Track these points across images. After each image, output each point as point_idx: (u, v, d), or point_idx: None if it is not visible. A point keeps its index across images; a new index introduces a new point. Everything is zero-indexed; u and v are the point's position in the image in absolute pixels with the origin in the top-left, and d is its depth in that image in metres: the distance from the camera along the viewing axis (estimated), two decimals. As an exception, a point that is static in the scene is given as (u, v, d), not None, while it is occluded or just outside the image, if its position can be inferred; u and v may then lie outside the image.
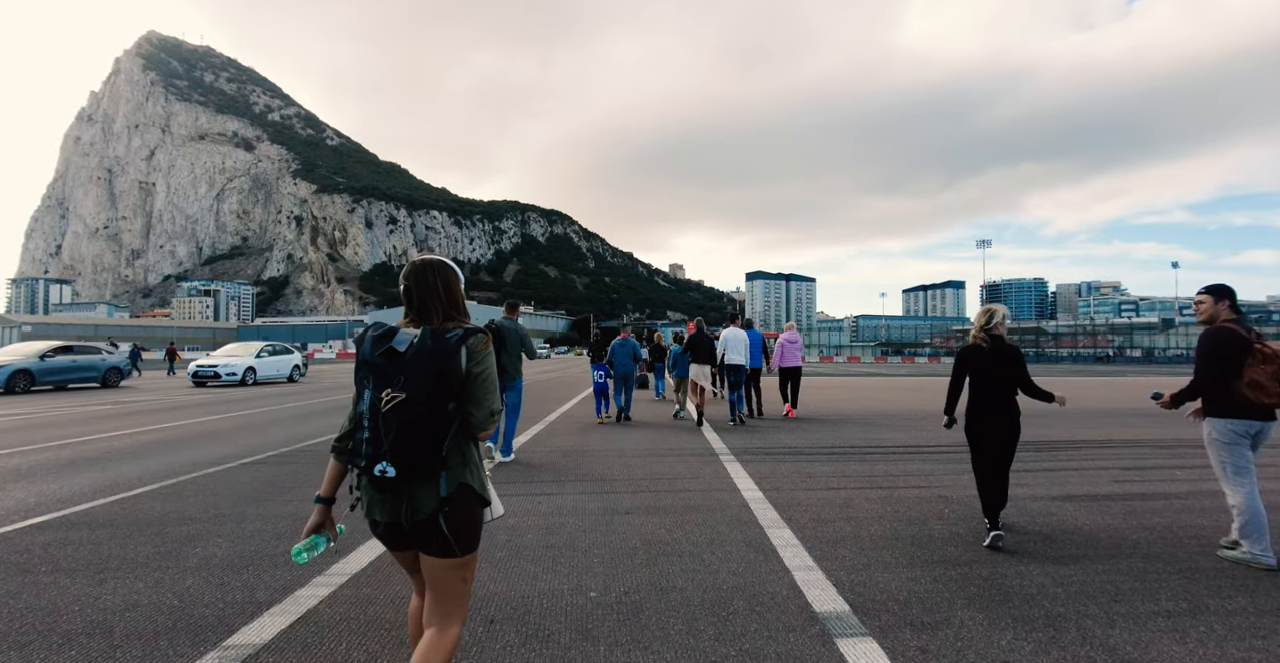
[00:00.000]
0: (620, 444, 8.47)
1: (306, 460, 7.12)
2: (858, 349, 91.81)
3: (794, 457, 7.48)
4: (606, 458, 7.42)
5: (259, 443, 8.35)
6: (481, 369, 1.94)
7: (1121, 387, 23.13)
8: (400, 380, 1.84)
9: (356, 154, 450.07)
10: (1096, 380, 28.25)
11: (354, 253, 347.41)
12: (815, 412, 12.76)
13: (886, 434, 9.42)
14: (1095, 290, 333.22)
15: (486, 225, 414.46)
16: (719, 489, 5.80)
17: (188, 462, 7.01)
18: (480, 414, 1.94)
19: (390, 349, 1.88)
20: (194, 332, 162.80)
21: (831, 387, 21.95)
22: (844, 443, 8.61)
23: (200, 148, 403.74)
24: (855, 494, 5.59)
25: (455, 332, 1.94)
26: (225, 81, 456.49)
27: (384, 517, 1.88)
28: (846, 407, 14.24)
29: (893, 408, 13.78)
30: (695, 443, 8.57)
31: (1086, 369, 46.99)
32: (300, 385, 20.83)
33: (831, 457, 7.46)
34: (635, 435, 9.30)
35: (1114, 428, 10.43)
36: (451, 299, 2.04)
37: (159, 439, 8.72)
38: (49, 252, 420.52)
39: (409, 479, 1.83)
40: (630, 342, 11.50)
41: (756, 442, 8.70)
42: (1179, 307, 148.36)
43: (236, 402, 14.74)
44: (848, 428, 10.20)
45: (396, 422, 1.81)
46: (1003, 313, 4.37)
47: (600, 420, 10.81)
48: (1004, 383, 4.28)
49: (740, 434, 9.41)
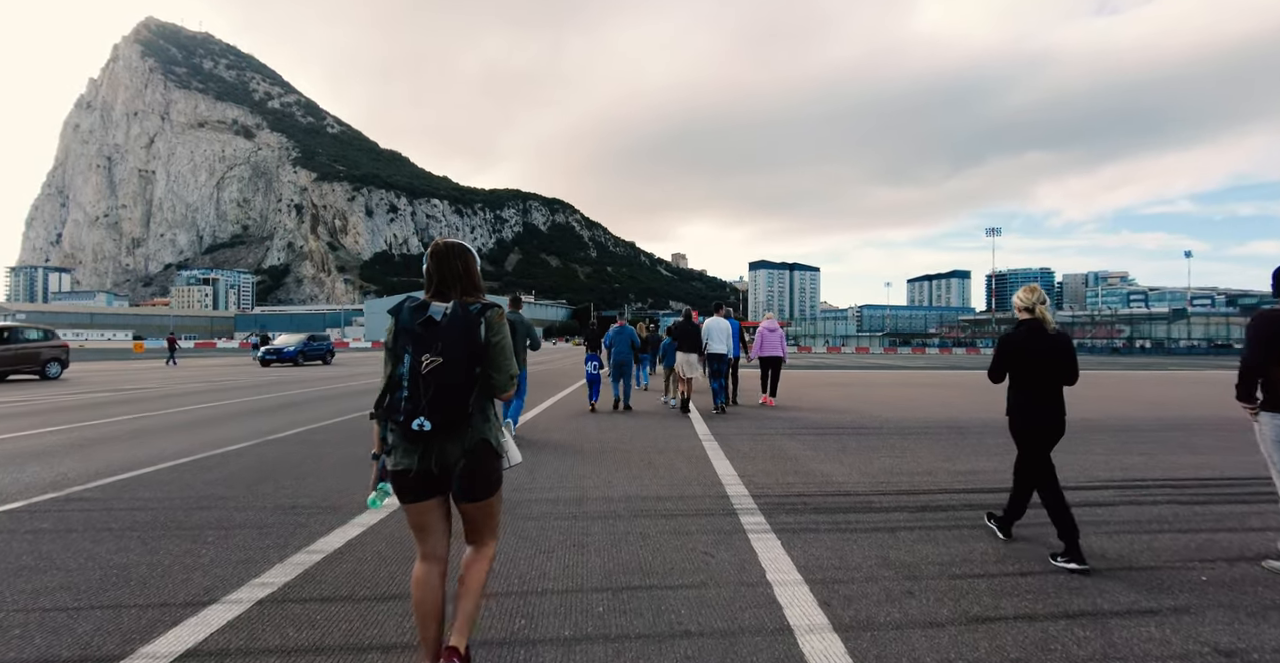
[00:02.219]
0: (607, 428, 8.72)
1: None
2: (865, 340, 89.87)
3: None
4: (589, 436, 6.74)
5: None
6: (499, 338, 2.24)
7: (1190, 385, 21.07)
8: (438, 346, 2.12)
9: (357, 142, 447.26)
10: (1142, 376, 26.34)
11: (354, 241, 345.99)
12: (827, 419, 11.04)
13: (947, 463, 7.71)
14: (1102, 280, 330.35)
15: (488, 214, 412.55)
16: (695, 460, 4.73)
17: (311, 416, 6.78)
18: (501, 378, 2.25)
19: (428, 319, 2.16)
20: (191, 320, 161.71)
21: (843, 382, 20.14)
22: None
23: (200, 135, 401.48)
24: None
25: (476, 305, 2.25)
26: (224, 68, 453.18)
27: (416, 465, 2.15)
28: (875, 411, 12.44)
29: (950, 413, 12.03)
30: (681, 427, 8.58)
31: (1111, 362, 45.09)
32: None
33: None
34: (623, 420, 9.60)
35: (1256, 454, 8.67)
36: (470, 278, 2.32)
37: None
38: (50, 240, 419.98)
39: (441, 433, 2.12)
40: (627, 330, 11.45)
41: (734, 427, 8.08)
42: (1191, 297, 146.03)
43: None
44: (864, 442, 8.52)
45: (434, 382, 2.09)
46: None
47: (592, 407, 10.74)
48: (1054, 375, 3.70)
49: (721, 420, 9.60)
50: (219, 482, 5.27)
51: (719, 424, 9.07)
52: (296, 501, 4.68)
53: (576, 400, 12.31)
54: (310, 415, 9.76)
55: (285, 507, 4.51)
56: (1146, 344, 78.06)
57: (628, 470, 5.78)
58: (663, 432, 8.30)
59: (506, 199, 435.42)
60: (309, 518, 4.23)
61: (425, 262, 2.33)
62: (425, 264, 2.32)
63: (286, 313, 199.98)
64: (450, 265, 2.29)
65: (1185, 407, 12.18)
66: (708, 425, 8.87)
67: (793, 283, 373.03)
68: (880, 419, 9.76)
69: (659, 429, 8.55)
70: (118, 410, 10.27)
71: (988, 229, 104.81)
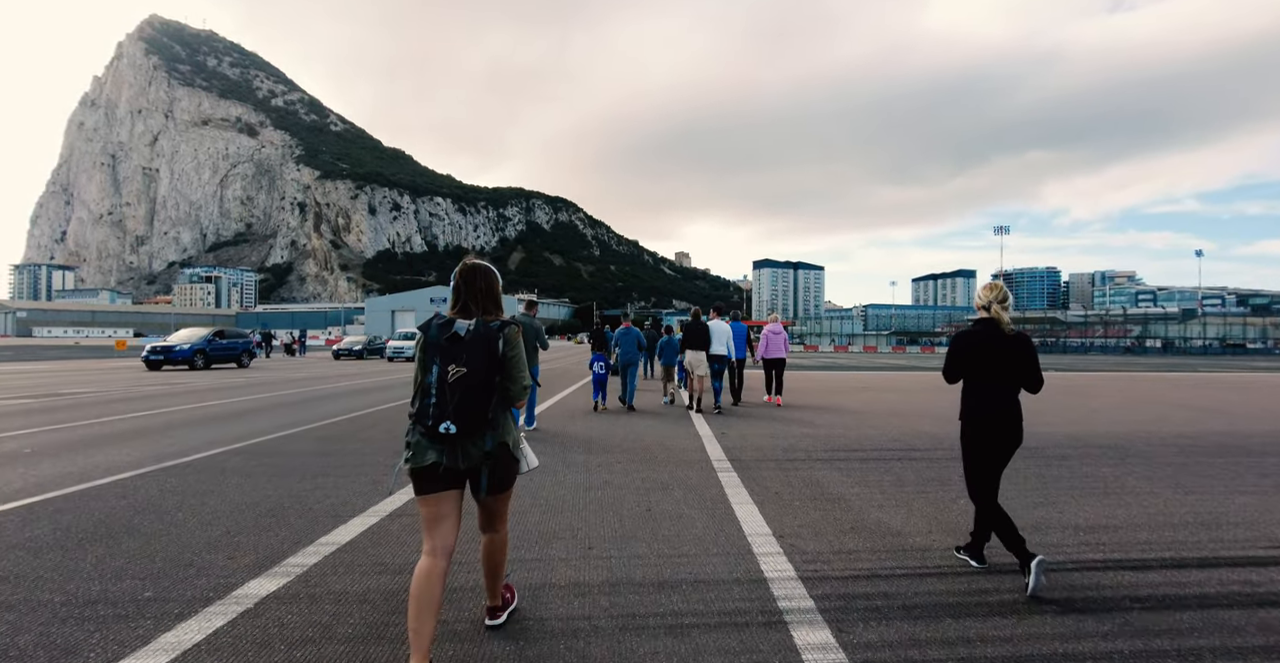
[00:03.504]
0: (612, 425, 8.63)
1: None
2: (872, 339, 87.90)
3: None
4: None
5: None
6: (515, 353, 2.48)
7: (1228, 390, 19.42)
8: (463, 358, 2.37)
9: (360, 140, 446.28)
10: (1178, 378, 24.66)
11: (357, 239, 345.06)
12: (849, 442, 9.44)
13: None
14: (1109, 279, 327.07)
15: (491, 212, 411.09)
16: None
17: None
18: (515, 388, 2.49)
19: (454, 334, 2.41)
20: (193, 318, 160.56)
21: (863, 386, 18.48)
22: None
23: (203, 133, 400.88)
24: None
25: (496, 322, 2.48)
26: (228, 66, 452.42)
27: (443, 461, 2.38)
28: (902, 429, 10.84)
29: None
30: (688, 445, 7.31)
31: (1128, 363, 43.36)
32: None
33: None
34: (620, 430, 8.89)
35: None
36: (492, 297, 2.57)
37: None
38: (54, 238, 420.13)
39: (465, 435, 2.36)
40: (634, 331, 11.37)
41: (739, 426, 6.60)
42: (1201, 296, 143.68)
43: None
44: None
45: (459, 391, 2.34)
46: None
47: (596, 406, 10.67)
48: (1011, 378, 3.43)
49: (738, 435, 8.44)
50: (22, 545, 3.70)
51: (734, 442, 7.62)
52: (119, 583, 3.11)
53: (575, 401, 11.87)
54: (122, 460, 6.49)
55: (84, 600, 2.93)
56: (1157, 344, 76.26)
57: (618, 525, 4.21)
58: (666, 456, 6.72)
59: (510, 197, 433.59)
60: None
61: (454, 279, 2.57)
62: (453, 281, 2.57)
63: (288, 311, 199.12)
64: (475, 285, 2.54)
65: (1255, 418, 10.55)
66: (721, 446, 7.31)
67: (797, 281, 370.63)
68: (929, 437, 8.11)
69: (661, 452, 6.96)
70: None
71: (996, 227, 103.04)
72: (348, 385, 15.99)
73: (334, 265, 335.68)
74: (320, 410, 10.47)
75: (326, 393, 13.87)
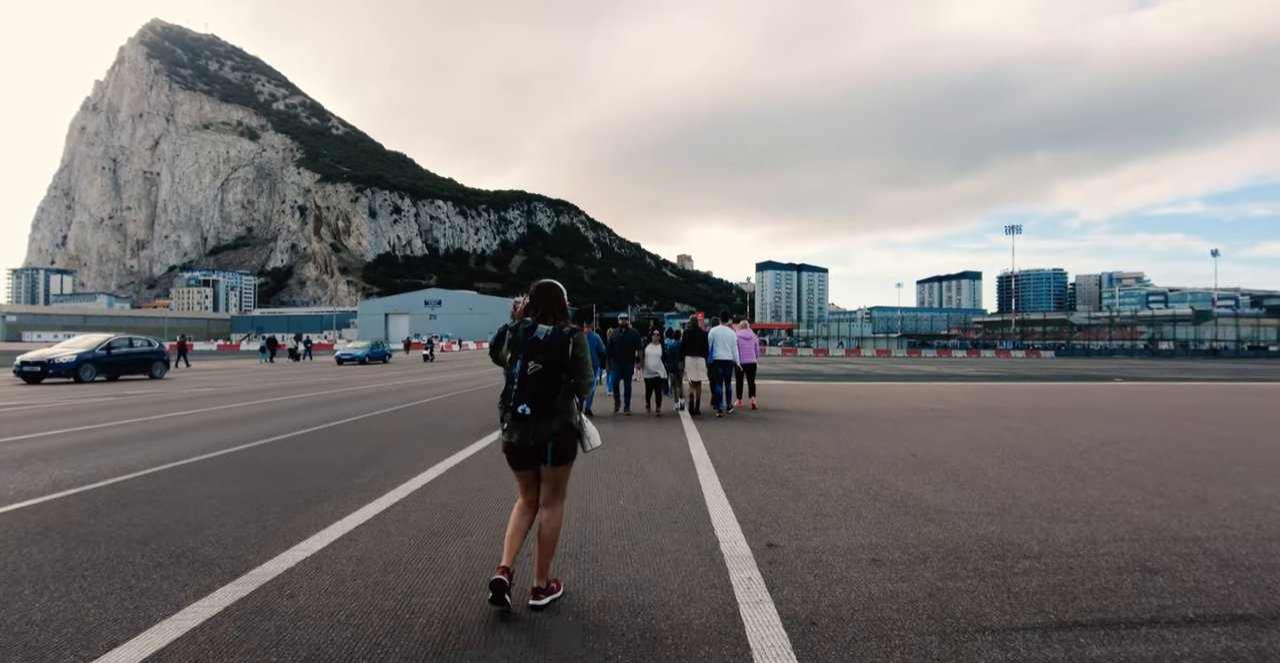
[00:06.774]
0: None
1: None
2: (882, 342, 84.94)
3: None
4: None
5: None
6: (581, 354, 3.17)
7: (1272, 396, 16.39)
8: (540, 356, 3.07)
9: (361, 143, 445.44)
10: (1259, 388, 21.66)
11: (357, 242, 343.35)
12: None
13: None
14: (1117, 281, 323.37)
15: (492, 215, 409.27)
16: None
17: None
18: (582, 382, 3.20)
19: (535, 338, 3.12)
20: (188, 322, 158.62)
21: (905, 395, 15.64)
22: None
23: (204, 137, 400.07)
24: None
25: (567, 328, 3.19)
26: (230, 70, 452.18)
27: (518, 440, 3.09)
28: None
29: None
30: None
31: (1152, 366, 40.32)
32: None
33: None
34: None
35: None
36: (561, 309, 3.26)
37: None
38: (55, 242, 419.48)
39: (537, 417, 3.04)
40: (630, 333, 11.36)
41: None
42: (1216, 297, 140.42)
43: None
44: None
45: (534, 381, 3.04)
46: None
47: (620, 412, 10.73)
48: None
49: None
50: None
51: (734, 485, 5.28)
52: None
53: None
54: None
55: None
56: (1170, 346, 73.59)
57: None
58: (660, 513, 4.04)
59: (511, 200, 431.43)
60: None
61: (530, 294, 3.29)
62: (530, 295, 3.29)
63: (284, 314, 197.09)
64: (549, 299, 3.24)
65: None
66: (730, 503, 4.60)
67: (800, 284, 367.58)
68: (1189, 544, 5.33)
69: (647, 500, 4.26)
70: None
71: (1007, 227, 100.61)
72: (257, 406, 13.30)
73: (334, 269, 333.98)
74: (144, 450, 7.76)
75: (190, 423, 11.12)
